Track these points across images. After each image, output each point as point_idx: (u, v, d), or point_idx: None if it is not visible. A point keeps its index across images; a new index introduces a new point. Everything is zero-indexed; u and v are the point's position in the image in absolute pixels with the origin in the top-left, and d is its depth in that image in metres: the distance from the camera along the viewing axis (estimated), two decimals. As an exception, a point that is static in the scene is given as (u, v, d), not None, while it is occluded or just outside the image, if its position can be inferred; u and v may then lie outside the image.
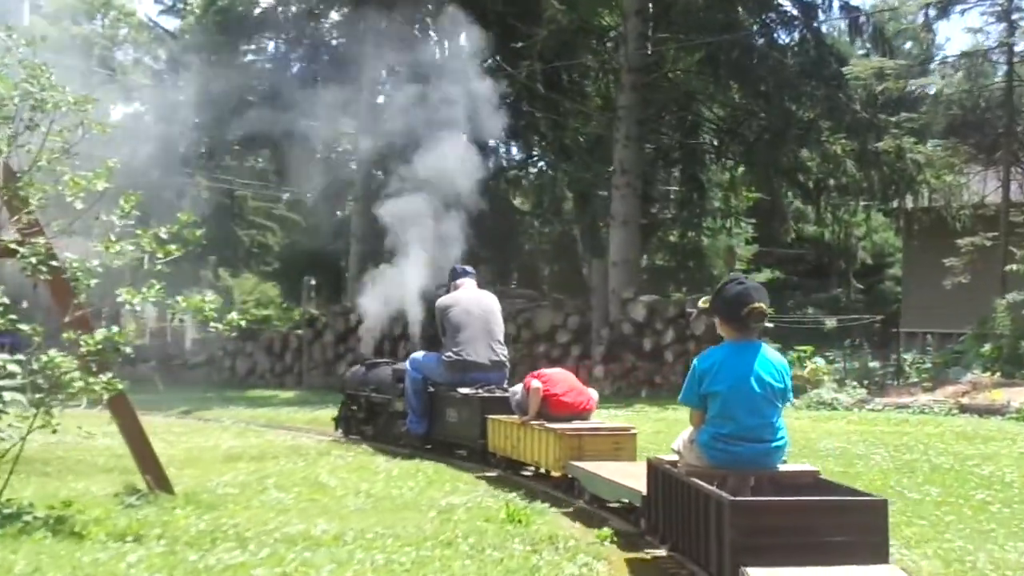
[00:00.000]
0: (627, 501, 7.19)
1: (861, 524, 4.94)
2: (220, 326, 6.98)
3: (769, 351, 5.77)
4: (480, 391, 10.98)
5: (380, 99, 26.62)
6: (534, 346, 22.59)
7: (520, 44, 24.17)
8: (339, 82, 28.08)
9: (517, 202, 31.34)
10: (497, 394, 10.79)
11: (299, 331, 26.24)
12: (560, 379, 9.74)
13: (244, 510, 7.46)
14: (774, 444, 5.66)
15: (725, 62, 23.46)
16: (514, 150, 30.11)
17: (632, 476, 7.12)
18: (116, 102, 53.01)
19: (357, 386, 13.59)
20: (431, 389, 11.72)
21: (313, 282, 26.44)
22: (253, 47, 32.36)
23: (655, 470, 6.25)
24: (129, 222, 6.95)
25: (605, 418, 12.08)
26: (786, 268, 37.68)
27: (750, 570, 4.66)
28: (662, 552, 6.19)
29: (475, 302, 11.79)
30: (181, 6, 40.08)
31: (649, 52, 23.34)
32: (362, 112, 24.51)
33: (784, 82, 23.21)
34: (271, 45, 32.03)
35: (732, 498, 4.99)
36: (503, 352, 11.69)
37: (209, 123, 34.51)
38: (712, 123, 26.45)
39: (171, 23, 41.91)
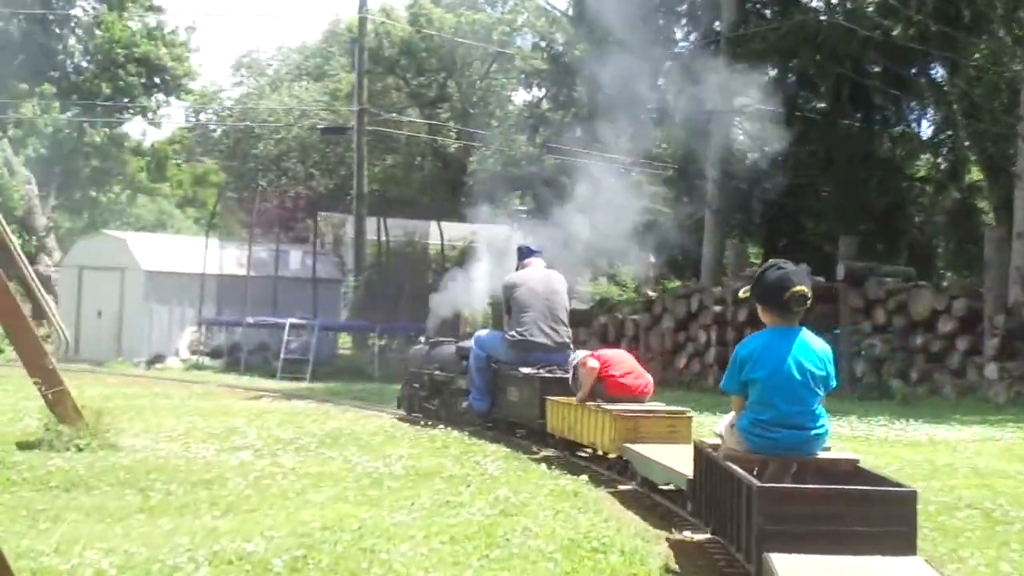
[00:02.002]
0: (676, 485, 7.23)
1: (889, 515, 4.89)
2: None
3: (810, 337, 5.69)
4: (541, 371, 10.91)
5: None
6: (908, 336, 17.99)
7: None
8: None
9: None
10: (558, 375, 10.68)
11: (635, 316, 22.72)
12: (618, 360, 9.65)
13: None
14: (813, 432, 5.59)
15: None
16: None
17: (685, 460, 6.95)
18: (517, 87, 52.75)
19: (421, 364, 13.75)
20: (494, 367, 11.65)
21: (652, 259, 22.97)
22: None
23: (699, 453, 6.29)
24: None
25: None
26: None
27: (773, 556, 4.66)
28: (706, 535, 6.10)
29: (542, 282, 11.70)
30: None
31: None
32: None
33: None
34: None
35: (759, 484, 5.03)
36: (567, 333, 11.62)
37: (600, 106, 32.43)
38: None
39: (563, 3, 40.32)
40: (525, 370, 11.01)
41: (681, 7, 26.87)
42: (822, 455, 5.66)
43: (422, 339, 14.89)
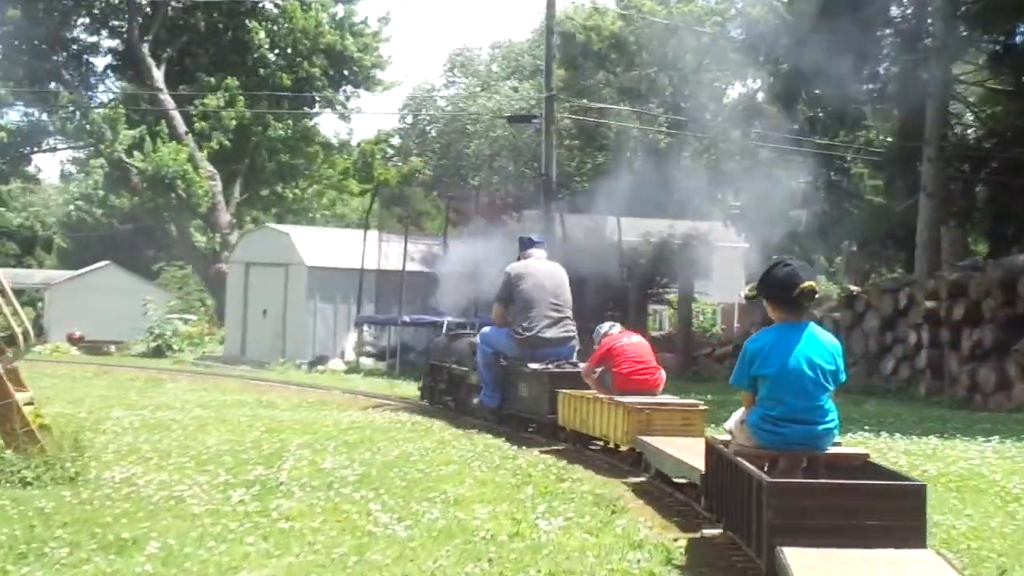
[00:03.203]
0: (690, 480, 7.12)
1: (899, 508, 4.86)
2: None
3: (819, 331, 5.68)
4: (550, 366, 10.87)
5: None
6: None
7: None
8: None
9: None
10: (567, 369, 10.75)
11: (835, 314, 19.84)
12: (630, 353, 9.57)
13: None
14: (822, 427, 5.54)
15: None
16: None
17: (699, 454, 6.69)
18: (732, 80, 50.32)
19: (441, 356, 13.73)
20: (503, 363, 11.58)
21: (854, 248, 20.09)
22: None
23: (710, 449, 6.26)
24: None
25: None
26: None
27: (786, 550, 4.63)
28: (717, 530, 5.96)
29: (547, 275, 11.63)
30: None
31: None
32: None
33: None
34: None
35: (769, 478, 4.97)
36: (572, 328, 11.55)
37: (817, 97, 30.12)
38: None
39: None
40: (534, 365, 11.00)
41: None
42: (832, 450, 5.63)
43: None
